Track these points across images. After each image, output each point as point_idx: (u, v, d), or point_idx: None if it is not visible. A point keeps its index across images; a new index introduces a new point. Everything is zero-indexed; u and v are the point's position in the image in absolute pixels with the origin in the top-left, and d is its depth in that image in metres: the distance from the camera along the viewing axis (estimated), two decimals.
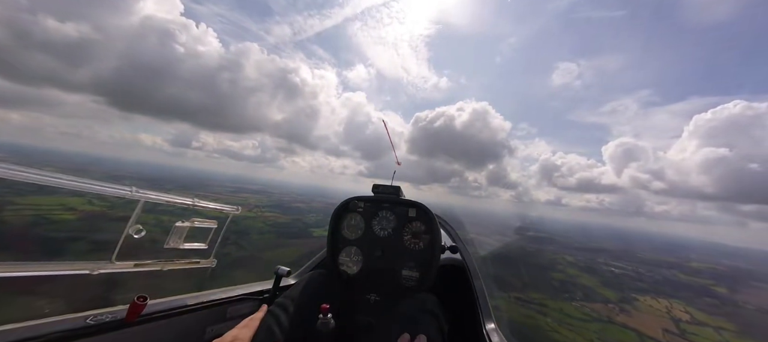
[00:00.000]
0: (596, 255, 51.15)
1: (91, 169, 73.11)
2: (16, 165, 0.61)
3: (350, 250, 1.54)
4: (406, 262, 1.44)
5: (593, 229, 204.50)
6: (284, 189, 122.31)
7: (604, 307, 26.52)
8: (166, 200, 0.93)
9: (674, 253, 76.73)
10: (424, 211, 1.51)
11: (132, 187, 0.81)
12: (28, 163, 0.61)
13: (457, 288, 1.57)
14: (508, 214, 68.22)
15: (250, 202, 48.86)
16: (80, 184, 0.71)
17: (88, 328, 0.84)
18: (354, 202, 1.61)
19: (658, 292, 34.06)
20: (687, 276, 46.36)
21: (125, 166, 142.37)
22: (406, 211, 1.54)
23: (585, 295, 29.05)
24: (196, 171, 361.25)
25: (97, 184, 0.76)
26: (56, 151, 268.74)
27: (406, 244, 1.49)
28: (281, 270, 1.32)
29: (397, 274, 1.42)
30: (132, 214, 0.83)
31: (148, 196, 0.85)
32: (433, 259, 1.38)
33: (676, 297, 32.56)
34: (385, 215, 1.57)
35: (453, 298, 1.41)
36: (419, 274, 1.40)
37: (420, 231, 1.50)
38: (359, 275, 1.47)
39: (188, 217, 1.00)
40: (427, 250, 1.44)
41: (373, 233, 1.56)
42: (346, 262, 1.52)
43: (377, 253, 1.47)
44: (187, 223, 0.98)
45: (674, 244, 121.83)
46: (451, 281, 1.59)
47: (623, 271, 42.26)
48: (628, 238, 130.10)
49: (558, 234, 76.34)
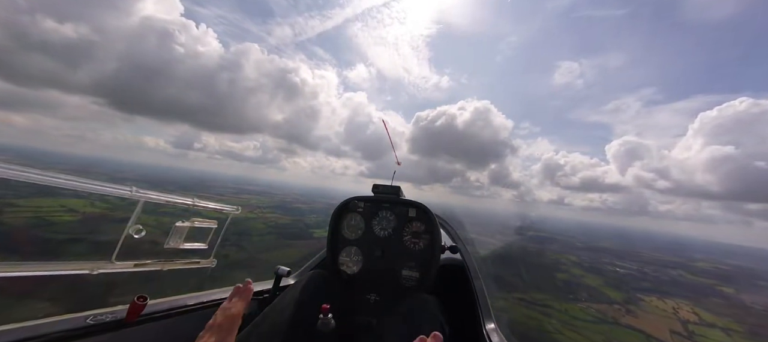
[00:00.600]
0: (600, 255, 50.75)
1: (94, 171, 73.65)
2: (16, 165, 0.61)
3: (350, 250, 1.54)
4: (406, 262, 1.45)
5: (596, 228, 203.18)
6: (286, 190, 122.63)
7: (609, 308, 26.22)
8: (166, 200, 0.93)
9: (679, 253, 76.07)
10: (424, 211, 1.51)
11: (132, 187, 0.81)
12: (32, 167, 0.62)
13: (457, 288, 1.56)
14: (510, 213, 68.15)
15: (251, 203, 48.98)
16: (80, 184, 0.71)
17: (88, 328, 0.84)
18: (354, 202, 1.62)
19: (663, 292, 33.71)
20: (693, 276, 45.85)
21: (128, 169, 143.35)
22: (406, 211, 1.55)
23: (590, 295, 28.78)
24: (199, 172, 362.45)
25: (98, 184, 0.76)
26: (60, 155, 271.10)
27: (406, 244, 1.50)
28: (281, 270, 1.31)
29: (397, 274, 1.43)
30: (132, 215, 0.83)
31: (149, 197, 0.85)
32: (433, 259, 1.38)
33: (683, 297, 32.20)
34: (385, 215, 1.57)
35: (453, 298, 1.41)
36: (419, 274, 1.40)
37: (420, 231, 1.50)
38: (359, 275, 1.47)
39: (188, 218, 1.00)
40: (427, 250, 1.45)
41: (373, 233, 1.56)
42: (346, 262, 1.52)
43: (377, 253, 1.47)
44: (187, 223, 0.98)
45: (679, 244, 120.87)
46: (451, 281, 1.59)
47: (628, 271, 41.87)
48: (631, 237, 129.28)
49: (561, 233, 75.91)
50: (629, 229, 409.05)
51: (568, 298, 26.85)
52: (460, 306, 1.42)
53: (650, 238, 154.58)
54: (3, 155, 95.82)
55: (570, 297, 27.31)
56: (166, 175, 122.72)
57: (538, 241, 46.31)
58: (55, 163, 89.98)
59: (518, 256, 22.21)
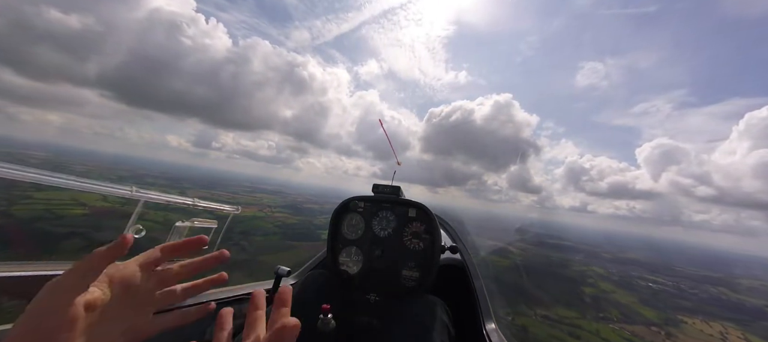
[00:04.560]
0: (629, 267, 47.26)
1: (121, 168, 77.31)
2: (16, 164, 0.64)
3: (350, 250, 1.55)
4: (406, 262, 1.46)
5: (622, 237, 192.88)
6: (300, 190, 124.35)
7: (646, 330, 23.30)
8: (167, 200, 0.94)
9: (717, 268, 70.71)
10: (424, 211, 1.52)
11: (132, 187, 0.81)
12: (69, 163, 0.62)
13: (457, 288, 1.58)
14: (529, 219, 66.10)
15: (263, 202, 49.34)
16: (80, 185, 0.71)
17: None
18: (354, 202, 1.64)
19: (706, 312, 30.27)
20: (737, 295, 41.53)
21: (150, 166, 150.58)
22: (406, 211, 1.56)
23: (622, 314, 25.81)
24: (217, 171, 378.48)
25: (98, 184, 0.76)
26: (94, 152, 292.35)
27: (406, 244, 1.50)
28: (281, 270, 1.32)
29: (398, 274, 1.44)
30: (132, 214, 0.83)
31: (149, 196, 0.86)
32: (434, 259, 1.39)
33: (729, 320, 28.69)
34: (385, 215, 1.59)
35: (453, 298, 1.39)
36: (419, 274, 1.41)
37: (420, 231, 1.50)
38: (359, 275, 1.48)
39: (188, 217, 0.99)
40: (427, 250, 1.45)
41: (373, 233, 1.57)
42: (346, 262, 1.53)
43: (377, 253, 1.48)
44: (187, 223, 0.97)
45: (715, 258, 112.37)
46: (451, 281, 1.60)
47: (662, 287, 38.41)
48: (661, 248, 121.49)
49: (584, 242, 72.26)
50: (658, 239, 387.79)
51: (599, 317, 23.96)
52: (460, 306, 1.42)
53: (682, 250, 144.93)
54: (44, 152, 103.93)
55: (600, 316, 24.39)
56: (186, 173, 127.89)
57: (561, 250, 43.57)
58: (87, 160, 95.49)
59: (541, 266, 20.10)
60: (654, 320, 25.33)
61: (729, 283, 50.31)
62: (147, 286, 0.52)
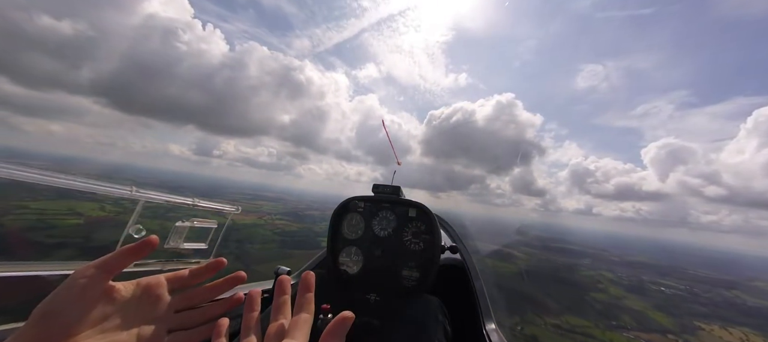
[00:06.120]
0: (639, 271, 45.88)
1: (121, 177, 77.29)
2: (16, 164, 0.64)
3: (350, 250, 1.56)
4: (406, 262, 1.46)
5: (629, 240, 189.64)
6: (301, 197, 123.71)
7: (663, 338, 22.10)
8: (166, 200, 0.95)
9: (730, 271, 68.79)
10: (424, 211, 1.54)
11: (132, 187, 0.82)
12: (71, 173, 0.67)
13: (457, 288, 1.59)
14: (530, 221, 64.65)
15: (263, 210, 48.73)
16: (81, 185, 0.71)
17: None
18: (354, 202, 1.65)
19: (723, 317, 28.92)
20: (754, 298, 40.00)
21: (152, 175, 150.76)
22: (406, 211, 1.57)
23: (636, 321, 24.60)
24: (218, 179, 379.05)
25: (98, 184, 0.76)
26: (96, 161, 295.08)
27: (406, 244, 1.51)
28: (281, 270, 1.35)
29: (398, 274, 1.45)
30: (132, 214, 0.82)
31: (149, 196, 0.86)
32: (434, 259, 1.41)
33: (749, 325, 27.36)
34: (385, 215, 1.59)
35: (453, 298, 1.41)
36: (419, 274, 1.43)
37: (420, 231, 1.51)
38: (359, 275, 1.50)
39: (189, 217, 0.99)
40: (427, 250, 1.47)
41: (373, 233, 1.57)
42: (346, 262, 1.54)
43: (377, 253, 1.50)
44: (187, 223, 0.97)
45: (727, 260, 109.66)
46: (451, 281, 1.61)
47: (675, 291, 37.07)
48: (671, 251, 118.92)
49: (591, 246, 70.74)
50: (665, 241, 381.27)
51: (611, 325, 22.78)
52: (460, 306, 1.45)
53: (691, 252, 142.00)
54: (46, 162, 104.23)
55: (613, 324, 23.20)
56: (188, 181, 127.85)
57: (566, 255, 42.38)
58: (89, 169, 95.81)
59: (547, 271, 19.15)
60: (669, 327, 24.11)
61: (742, 285, 48.68)
62: (168, 300, 0.57)
